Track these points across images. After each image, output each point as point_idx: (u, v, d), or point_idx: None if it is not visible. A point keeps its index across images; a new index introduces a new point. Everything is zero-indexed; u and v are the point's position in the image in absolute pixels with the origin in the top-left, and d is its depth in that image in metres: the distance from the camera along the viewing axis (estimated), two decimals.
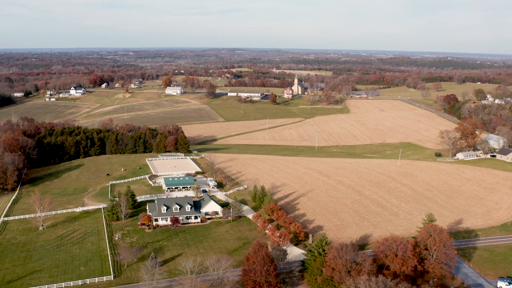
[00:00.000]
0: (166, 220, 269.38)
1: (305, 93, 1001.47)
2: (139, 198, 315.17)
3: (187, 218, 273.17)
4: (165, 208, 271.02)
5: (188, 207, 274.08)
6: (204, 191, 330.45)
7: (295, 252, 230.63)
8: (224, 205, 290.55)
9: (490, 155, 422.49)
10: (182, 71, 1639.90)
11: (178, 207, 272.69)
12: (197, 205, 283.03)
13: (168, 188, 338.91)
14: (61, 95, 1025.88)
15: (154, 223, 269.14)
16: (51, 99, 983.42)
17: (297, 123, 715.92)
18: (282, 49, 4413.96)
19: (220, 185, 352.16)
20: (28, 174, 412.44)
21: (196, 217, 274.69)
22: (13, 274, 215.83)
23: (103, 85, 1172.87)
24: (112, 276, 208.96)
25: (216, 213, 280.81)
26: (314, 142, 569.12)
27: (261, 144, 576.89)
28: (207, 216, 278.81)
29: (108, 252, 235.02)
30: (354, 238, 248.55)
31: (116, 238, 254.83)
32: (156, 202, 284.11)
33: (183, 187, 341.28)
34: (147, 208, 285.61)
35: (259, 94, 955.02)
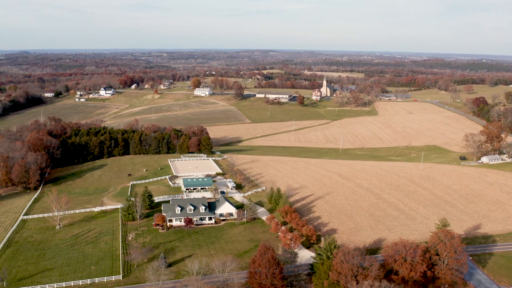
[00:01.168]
0: (180, 221, 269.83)
1: (334, 95, 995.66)
2: (157, 199, 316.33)
3: (201, 219, 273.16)
4: (179, 209, 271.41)
5: (202, 208, 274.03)
6: (222, 192, 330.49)
7: (306, 255, 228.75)
8: (239, 206, 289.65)
9: None
10: (213, 72, 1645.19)
11: (192, 208, 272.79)
12: (211, 206, 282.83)
13: (187, 189, 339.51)
14: (90, 96, 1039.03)
15: (168, 223, 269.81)
16: (81, 100, 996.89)
17: (323, 125, 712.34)
18: (315, 50, 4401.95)
19: (239, 187, 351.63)
20: (52, 174, 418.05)
21: (210, 218, 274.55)
22: (25, 271, 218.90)
23: (133, 86, 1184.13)
24: (121, 275, 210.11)
25: (231, 214, 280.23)
26: (339, 144, 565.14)
27: (286, 146, 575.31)
28: (221, 218, 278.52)
29: (120, 252, 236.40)
30: (368, 242, 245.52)
31: (130, 238, 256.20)
32: (170, 202, 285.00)
33: (201, 188, 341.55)
34: (161, 208, 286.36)
35: (287, 96, 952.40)
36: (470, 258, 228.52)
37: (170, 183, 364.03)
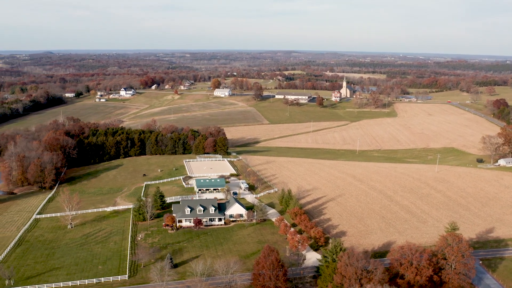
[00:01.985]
0: (190, 222, 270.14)
1: (353, 96, 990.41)
2: (169, 199, 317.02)
3: (211, 220, 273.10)
4: (189, 209, 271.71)
5: (212, 209, 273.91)
6: (235, 193, 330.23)
7: (313, 258, 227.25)
8: (250, 207, 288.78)
9: None
10: (235, 73, 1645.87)
11: (202, 209, 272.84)
12: (221, 207, 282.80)
13: (199, 190, 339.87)
14: (111, 96, 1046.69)
15: (178, 224, 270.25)
16: (101, 100, 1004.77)
17: (341, 127, 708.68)
18: (338, 51, 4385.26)
19: (251, 188, 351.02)
20: (68, 173, 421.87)
21: (220, 219, 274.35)
22: (33, 270, 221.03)
23: (153, 87, 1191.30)
24: (127, 275, 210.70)
25: (241, 215, 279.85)
26: (357, 146, 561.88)
27: (303, 147, 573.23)
28: (231, 219, 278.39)
29: (128, 252, 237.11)
30: (377, 245, 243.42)
31: (139, 238, 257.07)
32: (180, 203, 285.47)
33: (214, 189, 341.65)
34: (172, 209, 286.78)
35: (307, 97, 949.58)
36: (480, 262, 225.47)
37: (183, 183, 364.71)
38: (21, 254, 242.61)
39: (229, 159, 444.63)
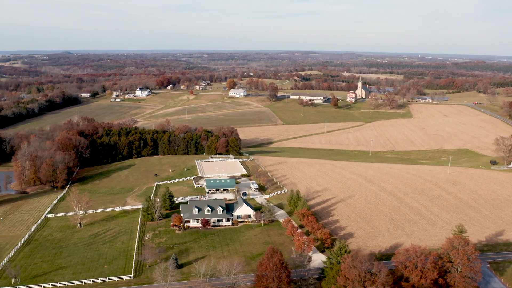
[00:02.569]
0: (197, 222, 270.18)
1: (369, 97, 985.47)
2: (179, 199, 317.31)
3: (218, 220, 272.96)
4: (197, 210, 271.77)
5: (219, 210, 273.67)
6: (245, 194, 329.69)
7: (319, 259, 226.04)
8: (258, 208, 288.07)
9: None
10: (251, 74, 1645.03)
11: (210, 209, 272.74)
12: (229, 208, 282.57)
13: (209, 190, 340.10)
14: (126, 96, 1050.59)
15: (185, 224, 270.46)
16: (117, 100, 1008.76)
17: (356, 127, 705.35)
18: (356, 52, 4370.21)
19: (262, 188, 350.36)
20: (80, 173, 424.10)
21: (227, 220, 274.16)
22: (39, 269, 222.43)
23: (169, 87, 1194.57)
24: (132, 275, 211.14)
25: (249, 216, 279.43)
26: (370, 147, 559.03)
27: (316, 148, 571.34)
28: (239, 219, 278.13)
29: (134, 252, 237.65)
30: (384, 247, 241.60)
31: (146, 238, 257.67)
32: (188, 203, 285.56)
33: (223, 189, 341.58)
34: (180, 209, 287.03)
35: (321, 97, 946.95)
36: (488, 265, 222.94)
37: (194, 184, 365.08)
38: (29, 253, 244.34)
39: (241, 159, 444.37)
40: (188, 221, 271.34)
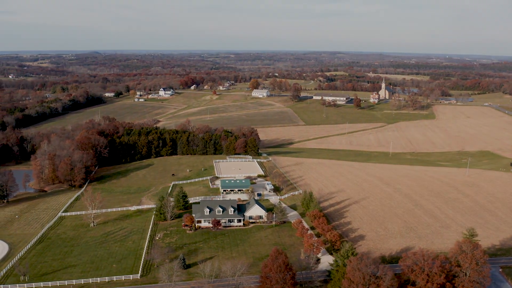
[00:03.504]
0: (209, 222, 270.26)
1: (392, 97, 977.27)
2: (193, 199, 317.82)
3: (230, 221, 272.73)
4: (208, 210, 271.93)
5: (231, 210, 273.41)
6: (259, 195, 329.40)
7: (328, 261, 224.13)
8: (270, 209, 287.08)
9: None
10: (276, 74, 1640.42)
11: (221, 209, 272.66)
12: (241, 209, 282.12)
13: (224, 191, 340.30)
14: (150, 96, 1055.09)
15: (197, 224, 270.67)
16: (140, 100, 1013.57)
17: (377, 128, 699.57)
18: (384, 52, 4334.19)
19: (277, 189, 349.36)
20: (98, 172, 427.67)
21: (239, 221, 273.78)
22: (49, 267, 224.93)
23: (192, 87, 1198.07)
24: (139, 274, 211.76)
25: (260, 217, 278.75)
26: (390, 148, 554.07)
27: (336, 149, 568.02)
28: (250, 220, 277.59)
29: (144, 251, 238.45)
30: (394, 250, 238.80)
31: (157, 238, 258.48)
32: (200, 204, 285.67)
33: (238, 190, 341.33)
34: (191, 209, 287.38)
35: (344, 98, 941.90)
36: (501, 269, 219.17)
37: (210, 184, 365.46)
38: (41, 251, 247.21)
39: (258, 160, 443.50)
40: (199, 221, 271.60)
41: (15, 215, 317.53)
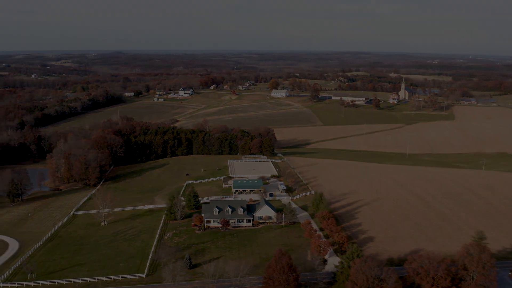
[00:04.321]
0: (218, 222, 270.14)
1: (412, 98, 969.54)
2: (205, 199, 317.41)
3: (239, 221, 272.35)
4: (217, 210, 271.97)
5: (240, 210, 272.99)
6: (271, 195, 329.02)
7: (335, 263, 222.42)
8: (281, 210, 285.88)
9: None
10: (297, 74, 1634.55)
11: (231, 210, 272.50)
12: (251, 209, 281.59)
13: (236, 191, 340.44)
14: (169, 96, 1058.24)
15: (206, 224, 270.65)
16: (159, 100, 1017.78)
17: (396, 129, 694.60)
18: (407, 53, 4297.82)
19: (289, 190, 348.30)
20: (114, 171, 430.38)
21: (248, 221, 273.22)
22: (57, 265, 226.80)
23: (212, 87, 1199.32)
24: (145, 274, 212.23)
25: (270, 217, 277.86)
26: (406, 149, 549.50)
27: (353, 150, 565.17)
28: (260, 221, 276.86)
29: (152, 251, 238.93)
30: (403, 252, 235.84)
31: (166, 238, 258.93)
32: (210, 203, 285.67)
33: (250, 190, 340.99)
34: (201, 209, 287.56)
35: (363, 99, 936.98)
36: (510, 273, 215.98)
37: (223, 184, 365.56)
38: (51, 249, 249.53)
39: (273, 160, 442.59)
40: (208, 221, 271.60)
41: (28, 213, 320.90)
